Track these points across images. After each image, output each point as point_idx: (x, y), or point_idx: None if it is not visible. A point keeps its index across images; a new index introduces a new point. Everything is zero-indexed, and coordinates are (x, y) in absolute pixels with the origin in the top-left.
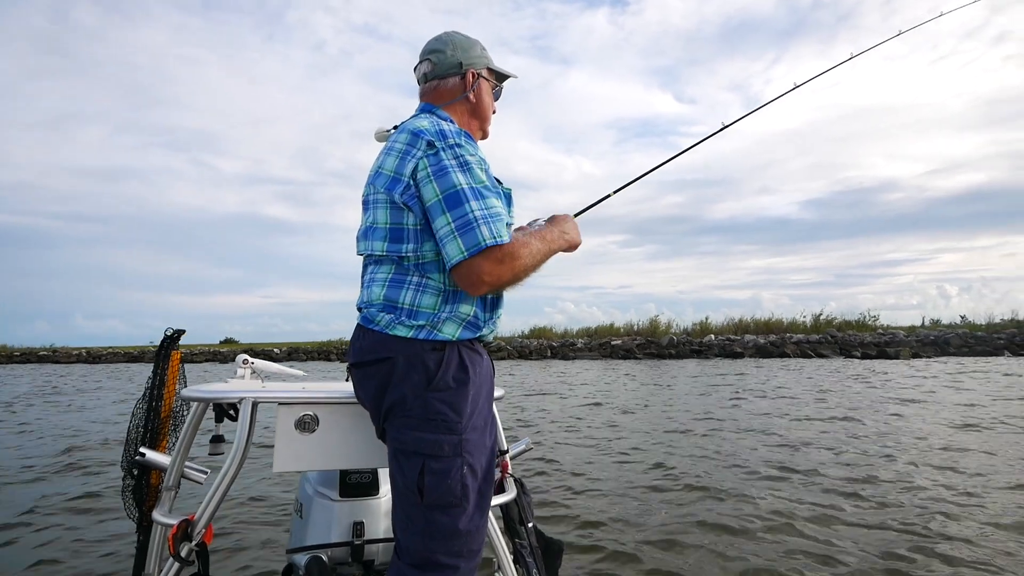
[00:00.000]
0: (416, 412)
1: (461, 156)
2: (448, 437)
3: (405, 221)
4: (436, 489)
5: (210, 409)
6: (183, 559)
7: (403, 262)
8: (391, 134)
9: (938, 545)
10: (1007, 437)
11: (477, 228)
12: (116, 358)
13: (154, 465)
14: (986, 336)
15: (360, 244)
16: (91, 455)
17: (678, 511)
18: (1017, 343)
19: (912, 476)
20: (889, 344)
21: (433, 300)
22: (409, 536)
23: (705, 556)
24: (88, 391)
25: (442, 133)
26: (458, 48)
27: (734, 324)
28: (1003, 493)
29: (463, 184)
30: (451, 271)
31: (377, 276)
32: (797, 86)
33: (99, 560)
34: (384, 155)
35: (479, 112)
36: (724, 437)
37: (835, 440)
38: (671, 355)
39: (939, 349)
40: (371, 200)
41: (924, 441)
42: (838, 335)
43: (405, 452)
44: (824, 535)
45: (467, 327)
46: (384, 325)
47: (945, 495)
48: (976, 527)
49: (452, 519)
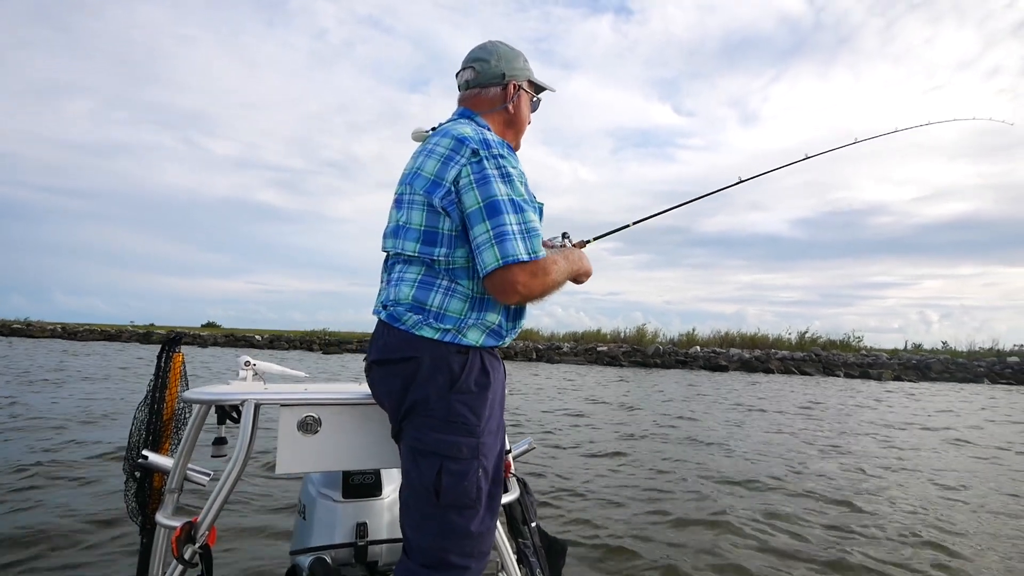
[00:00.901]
0: (438, 413)
1: (503, 168)
2: (467, 439)
3: (441, 225)
4: (453, 490)
5: (212, 411)
6: (187, 561)
7: (434, 265)
8: (429, 135)
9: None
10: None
11: (514, 240)
12: (92, 335)
13: (157, 468)
14: (967, 363)
15: (388, 241)
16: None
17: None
18: (996, 372)
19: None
20: (872, 366)
21: (460, 305)
22: (422, 536)
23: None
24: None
25: (486, 142)
26: (502, 59)
27: (720, 337)
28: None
29: (505, 195)
30: (484, 278)
31: (406, 276)
32: (808, 157)
33: (100, 560)
34: (424, 157)
35: (516, 124)
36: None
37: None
38: (656, 364)
39: (920, 373)
40: (406, 200)
41: (904, 461)
42: (822, 354)
43: (424, 452)
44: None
45: (490, 335)
46: (411, 325)
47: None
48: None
49: (466, 520)
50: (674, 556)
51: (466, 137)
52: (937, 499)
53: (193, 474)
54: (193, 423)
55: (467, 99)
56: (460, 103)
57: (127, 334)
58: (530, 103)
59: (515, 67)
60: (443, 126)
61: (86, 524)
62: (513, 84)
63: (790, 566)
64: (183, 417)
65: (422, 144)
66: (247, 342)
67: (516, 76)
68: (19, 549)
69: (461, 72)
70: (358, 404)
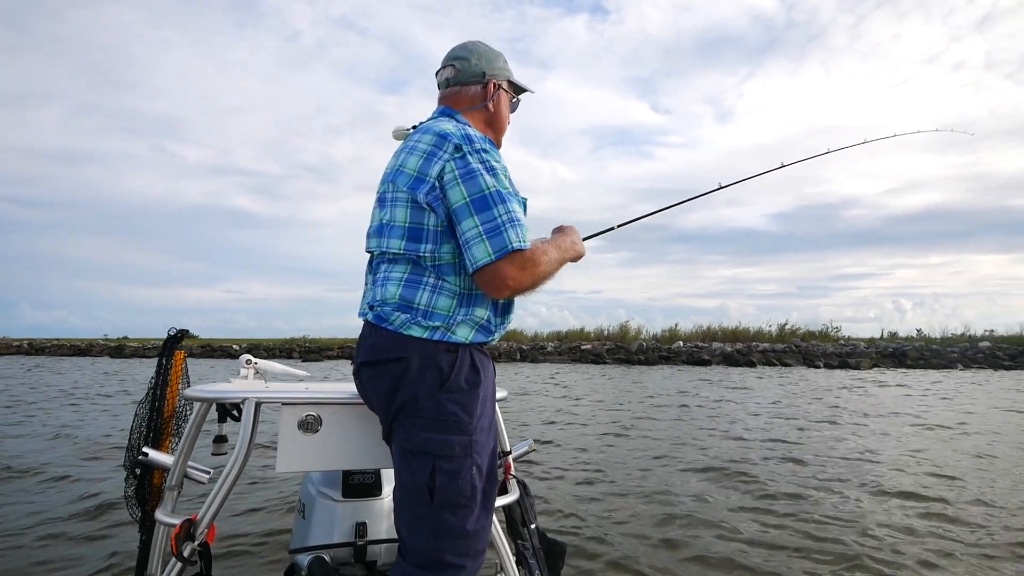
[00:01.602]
0: (428, 412)
1: (487, 162)
2: (459, 438)
3: (426, 222)
4: (447, 489)
5: (213, 409)
6: (186, 559)
7: (420, 262)
8: (410, 133)
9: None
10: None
11: (504, 232)
12: (61, 351)
13: (157, 465)
14: (941, 349)
15: (372, 240)
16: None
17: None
18: (969, 357)
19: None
20: (851, 355)
21: (448, 302)
22: (416, 536)
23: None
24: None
25: (468, 137)
26: (482, 58)
27: (702, 332)
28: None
29: (491, 188)
30: (475, 273)
31: (392, 275)
32: (784, 165)
33: (101, 561)
34: (406, 154)
35: (496, 122)
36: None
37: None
38: (640, 361)
39: (897, 361)
40: (389, 198)
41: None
42: (802, 345)
43: (415, 452)
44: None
45: (480, 331)
46: (399, 324)
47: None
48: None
49: (461, 519)
50: (646, 553)
51: (448, 133)
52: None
53: (193, 472)
54: (194, 421)
55: (447, 97)
56: (440, 101)
57: (98, 348)
58: (509, 103)
59: (495, 66)
60: (424, 124)
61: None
62: (493, 83)
63: (760, 553)
64: (184, 415)
65: (404, 142)
66: (224, 352)
67: (496, 75)
68: None
69: (441, 70)
70: (359, 404)
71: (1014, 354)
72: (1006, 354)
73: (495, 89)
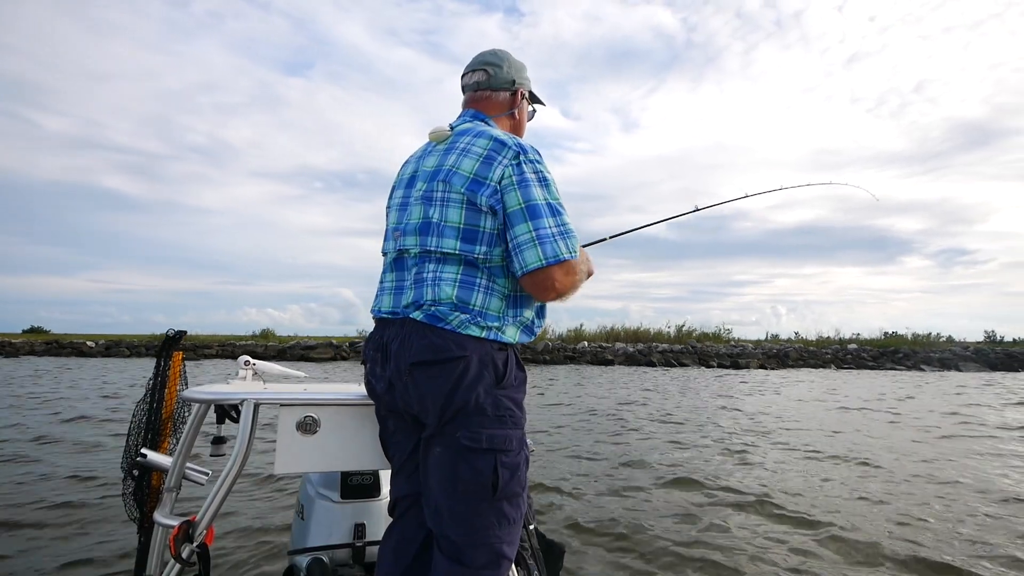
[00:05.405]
0: (490, 410)
1: (540, 172)
2: (515, 432)
3: (483, 224)
4: (509, 482)
5: (211, 410)
6: (184, 560)
7: (475, 263)
8: (450, 135)
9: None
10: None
11: (555, 241)
12: None
13: (155, 466)
14: (817, 351)
15: (410, 239)
16: None
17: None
18: (840, 357)
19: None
20: (740, 356)
21: (499, 304)
22: (477, 534)
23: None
24: None
25: (522, 147)
26: (513, 67)
27: (606, 332)
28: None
29: (546, 198)
30: (524, 276)
31: (444, 275)
32: (699, 209)
33: (101, 560)
34: (458, 155)
35: (519, 130)
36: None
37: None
38: (545, 360)
39: (780, 361)
40: (438, 197)
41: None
42: (697, 346)
43: (479, 450)
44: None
45: (524, 331)
46: (457, 324)
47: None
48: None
49: (515, 509)
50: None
51: (504, 139)
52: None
53: (192, 473)
54: (192, 422)
55: (478, 100)
56: (469, 104)
57: None
58: (527, 113)
59: (523, 76)
60: (463, 126)
61: None
62: (520, 91)
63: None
64: (182, 416)
65: (446, 143)
66: (75, 349)
67: (523, 85)
68: None
69: (470, 73)
70: (358, 405)
71: (875, 355)
72: (869, 355)
73: (521, 98)
